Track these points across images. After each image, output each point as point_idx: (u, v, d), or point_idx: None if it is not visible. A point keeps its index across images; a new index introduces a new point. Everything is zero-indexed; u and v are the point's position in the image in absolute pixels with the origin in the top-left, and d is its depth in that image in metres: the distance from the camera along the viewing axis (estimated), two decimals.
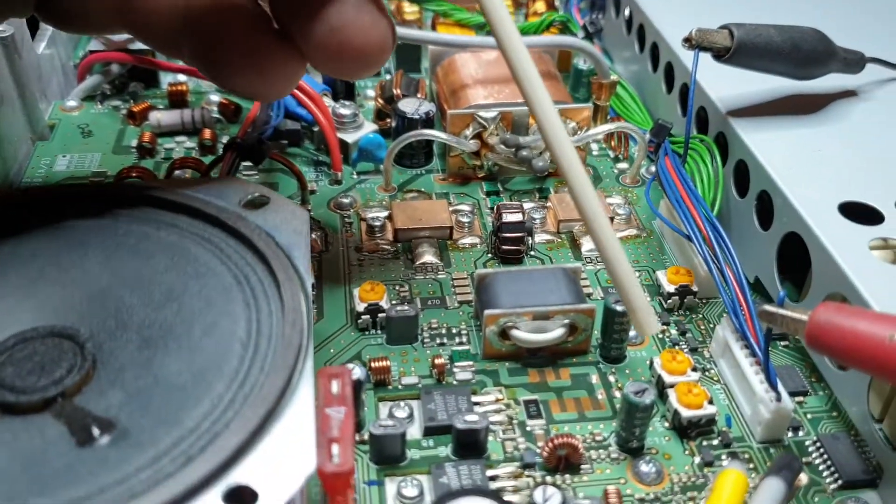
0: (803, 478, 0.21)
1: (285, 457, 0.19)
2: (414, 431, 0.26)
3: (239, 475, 0.19)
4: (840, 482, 0.25)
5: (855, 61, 0.34)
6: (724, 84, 0.35)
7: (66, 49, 0.45)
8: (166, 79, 0.44)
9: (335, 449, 0.20)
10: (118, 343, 0.23)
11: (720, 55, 0.32)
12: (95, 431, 0.21)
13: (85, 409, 0.21)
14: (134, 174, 0.36)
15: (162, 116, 0.40)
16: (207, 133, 0.39)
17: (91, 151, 0.39)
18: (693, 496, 0.24)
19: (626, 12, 0.44)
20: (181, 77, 0.43)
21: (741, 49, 0.31)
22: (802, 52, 0.32)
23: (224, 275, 0.24)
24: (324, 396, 0.22)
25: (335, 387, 0.22)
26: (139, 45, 0.42)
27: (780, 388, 0.26)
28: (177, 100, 0.42)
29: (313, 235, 0.33)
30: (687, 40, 0.32)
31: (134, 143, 0.39)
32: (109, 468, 0.19)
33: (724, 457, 0.26)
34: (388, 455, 0.25)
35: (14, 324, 0.24)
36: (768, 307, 0.24)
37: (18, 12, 0.27)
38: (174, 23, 0.25)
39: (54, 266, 0.25)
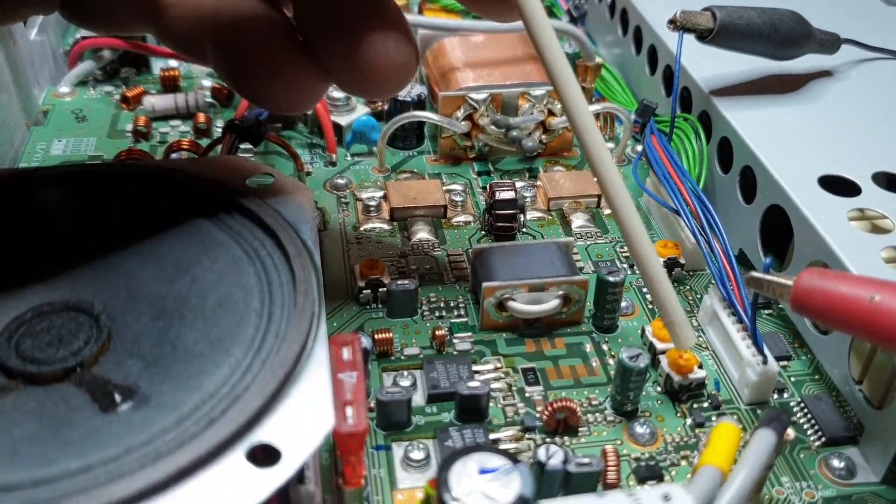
0: (791, 432, 0.23)
1: (305, 416, 0.20)
2: (418, 399, 0.27)
3: (261, 434, 0.20)
4: (823, 440, 0.26)
5: (831, 42, 0.36)
6: (706, 65, 0.36)
7: (56, 36, 0.45)
8: (158, 64, 0.44)
9: (349, 411, 0.21)
10: (133, 315, 0.24)
11: (703, 36, 0.33)
12: (117, 397, 0.21)
13: (105, 377, 0.22)
14: (133, 156, 0.36)
15: (156, 101, 0.41)
16: (202, 117, 0.40)
17: (86, 136, 0.40)
18: (686, 454, 0.26)
19: None
20: (173, 62, 0.44)
21: (723, 30, 0.33)
22: (781, 34, 0.34)
23: (234, 249, 0.25)
24: (336, 363, 0.23)
25: (346, 353, 0.23)
26: None
27: (766, 351, 0.27)
28: (169, 84, 0.43)
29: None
30: (672, 22, 0.33)
31: (129, 127, 0.40)
32: (134, 431, 0.20)
33: (713, 418, 0.27)
34: (395, 421, 0.26)
35: (30, 298, 0.24)
36: (755, 274, 0.25)
37: (44, 10, 0.27)
38: (200, 30, 0.25)
39: (66, 242, 0.26)
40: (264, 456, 0.20)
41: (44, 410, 0.21)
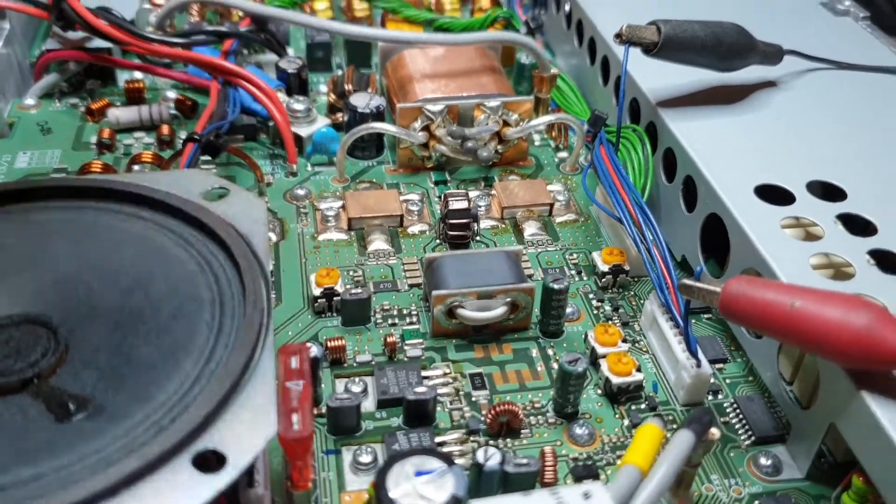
0: (716, 432, 0.24)
1: (249, 424, 0.21)
2: (368, 405, 0.28)
3: (206, 441, 0.21)
4: (753, 438, 0.28)
5: (774, 53, 0.37)
6: (654, 76, 0.37)
7: (21, 48, 0.46)
8: (122, 76, 0.45)
9: (295, 417, 0.22)
10: (90, 328, 0.25)
11: (649, 50, 0.34)
12: (72, 408, 0.22)
13: (61, 389, 0.23)
14: (95, 169, 0.37)
15: (120, 113, 0.41)
16: (165, 129, 0.41)
17: (51, 148, 0.40)
18: (621, 454, 0.27)
19: (566, 8, 0.47)
20: (137, 74, 0.44)
21: (668, 43, 0.34)
22: (724, 46, 0.35)
23: (188, 262, 0.26)
24: (284, 372, 0.24)
25: (294, 362, 0.24)
26: (96, 43, 0.43)
27: (701, 355, 0.28)
28: (134, 97, 0.43)
29: (270, 225, 0.35)
30: (618, 36, 0.34)
31: (93, 139, 0.41)
32: (87, 440, 0.21)
33: (650, 419, 0.28)
34: (345, 426, 0.27)
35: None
36: (687, 281, 0.27)
37: None
38: None
39: (25, 258, 0.27)
40: (211, 461, 0.21)
41: (0, 421, 0.22)
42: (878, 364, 0.23)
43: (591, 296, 0.33)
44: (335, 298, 0.32)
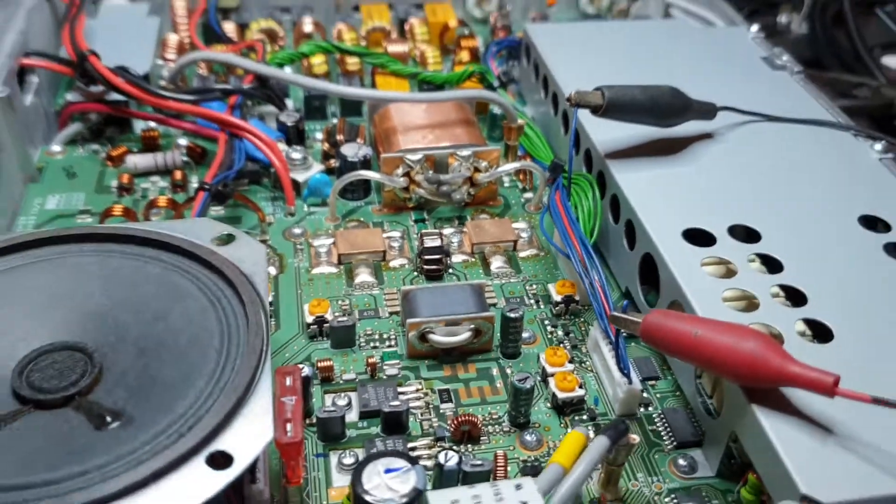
0: (635, 437, 0.29)
1: (252, 430, 0.27)
2: (352, 416, 0.34)
3: (217, 445, 0.26)
4: (674, 443, 0.33)
5: (708, 110, 0.43)
6: (604, 130, 0.43)
7: (47, 97, 0.51)
8: (138, 125, 0.51)
9: (289, 427, 0.28)
10: (119, 354, 0.30)
11: (595, 111, 0.40)
12: (108, 419, 0.28)
13: (98, 403, 0.28)
14: (116, 212, 0.42)
15: (137, 160, 0.47)
16: (178, 174, 0.46)
17: (76, 191, 0.46)
18: None
19: (534, 63, 0.52)
20: (152, 124, 0.50)
21: (611, 106, 0.39)
22: (660, 107, 0.40)
23: (201, 298, 0.31)
24: (280, 389, 0.29)
25: (288, 381, 0.29)
26: (114, 95, 0.48)
27: (633, 373, 0.34)
28: (149, 144, 0.49)
29: (270, 261, 0.40)
30: (568, 100, 0.39)
31: (114, 183, 0.46)
32: (121, 444, 0.26)
33: (590, 427, 0.34)
34: (332, 434, 0.33)
35: (35, 341, 0.30)
36: (615, 313, 0.32)
37: None
38: None
39: (63, 295, 0.32)
40: (220, 460, 0.26)
41: (49, 429, 0.27)
42: (763, 382, 0.28)
43: (546, 322, 0.39)
44: (325, 325, 0.37)
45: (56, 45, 0.53)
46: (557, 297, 0.39)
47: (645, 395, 0.35)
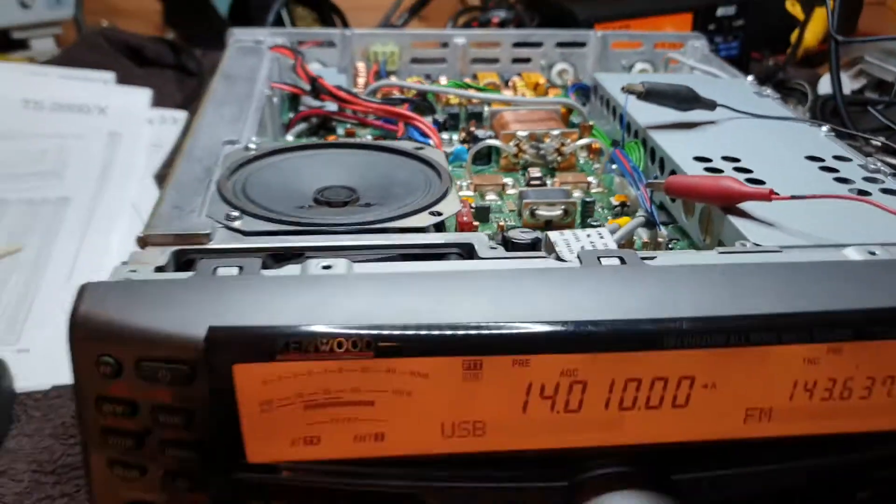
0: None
1: (448, 207, 0.50)
2: None
3: (434, 207, 0.50)
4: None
5: (711, 104, 0.67)
6: (645, 114, 0.67)
7: (279, 112, 0.78)
8: (339, 128, 0.77)
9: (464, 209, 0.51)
10: (369, 190, 0.55)
11: (639, 97, 0.65)
12: (353, 198, 0.52)
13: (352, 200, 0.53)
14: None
15: None
16: None
17: None
18: None
19: (600, 95, 0.78)
20: (349, 125, 0.76)
21: (648, 93, 0.64)
22: (679, 96, 0.65)
23: (413, 167, 0.56)
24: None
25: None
26: (327, 108, 0.75)
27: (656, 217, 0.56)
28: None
29: None
30: (622, 89, 0.64)
31: None
32: (379, 212, 0.50)
33: None
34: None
35: (325, 182, 0.55)
36: (650, 181, 0.55)
37: None
38: None
39: (338, 164, 0.57)
40: (436, 213, 0.50)
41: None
42: (732, 201, 0.51)
43: (608, 215, 0.62)
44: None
45: (280, 80, 0.81)
46: (615, 203, 0.62)
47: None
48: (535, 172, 0.65)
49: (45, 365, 0.63)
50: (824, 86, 1.12)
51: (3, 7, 1.22)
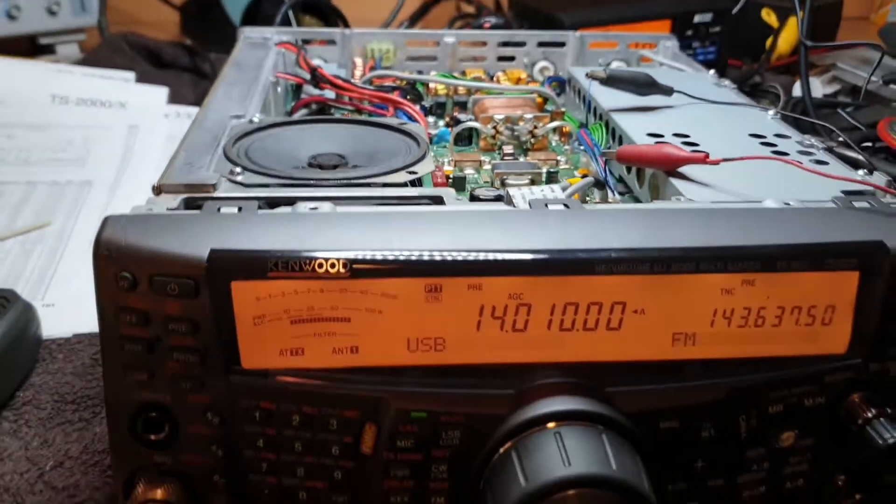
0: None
1: (424, 167, 0.58)
2: None
3: (412, 168, 0.57)
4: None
5: (668, 90, 0.74)
6: (607, 97, 0.74)
7: (283, 101, 0.86)
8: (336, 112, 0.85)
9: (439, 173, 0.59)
10: (357, 155, 0.62)
11: (602, 82, 0.72)
12: (342, 163, 0.59)
13: (341, 165, 0.60)
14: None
15: None
16: None
17: None
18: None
19: (573, 86, 0.85)
20: (346, 111, 0.84)
21: (610, 79, 0.72)
22: (639, 82, 0.72)
23: (396, 138, 0.63)
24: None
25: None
26: (325, 95, 0.83)
27: (611, 182, 0.63)
28: None
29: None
30: (587, 75, 0.72)
31: None
32: (359, 172, 0.58)
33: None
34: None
35: (317, 149, 0.63)
36: (604, 150, 0.62)
37: None
38: None
39: (327, 136, 0.65)
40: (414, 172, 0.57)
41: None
42: (672, 164, 0.58)
43: None
44: None
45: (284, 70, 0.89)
46: (579, 175, 0.69)
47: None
48: (508, 149, 0.72)
49: (68, 317, 0.71)
50: (797, 90, 1.20)
51: (31, 14, 1.31)
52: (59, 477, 0.55)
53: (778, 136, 0.68)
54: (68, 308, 0.72)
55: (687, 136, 0.66)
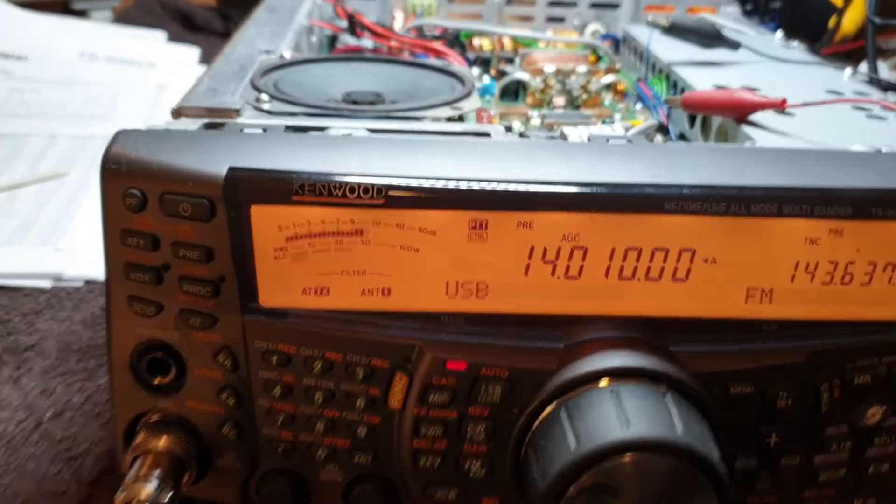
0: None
1: (470, 104, 0.52)
2: None
3: (456, 104, 0.52)
4: None
5: (734, 43, 0.68)
6: (668, 49, 0.68)
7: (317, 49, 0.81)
8: None
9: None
10: (397, 96, 0.57)
11: (664, 31, 0.66)
12: (379, 101, 0.54)
13: (378, 102, 0.55)
14: None
15: None
16: None
17: None
18: None
19: (630, 44, 0.79)
20: None
21: (672, 28, 0.66)
22: (703, 32, 0.66)
23: (440, 77, 0.58)
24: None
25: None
26: (363, 43, 0.78)
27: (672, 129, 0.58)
28: None
29: None
30: (647, 22, 0.66)
31: None
32: (395, 107, 0.52)
33: None
34: None
35: (354, 86, 0.58)
36: (668, 97, 0.56)
37: None
38: None
39: (367, 73, 0.60)
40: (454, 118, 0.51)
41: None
42: (744, 111, 0.52)
43: None
44: None
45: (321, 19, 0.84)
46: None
47: None
48: (559, 102, 0.66)
49: (81, 263, 0.67)
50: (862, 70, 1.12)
51: None
52: (58, 427, 0.51)
53: (857, 93, 0.61)
54: (82, 254, 0.68)
55: (757, 90, 0.60)
